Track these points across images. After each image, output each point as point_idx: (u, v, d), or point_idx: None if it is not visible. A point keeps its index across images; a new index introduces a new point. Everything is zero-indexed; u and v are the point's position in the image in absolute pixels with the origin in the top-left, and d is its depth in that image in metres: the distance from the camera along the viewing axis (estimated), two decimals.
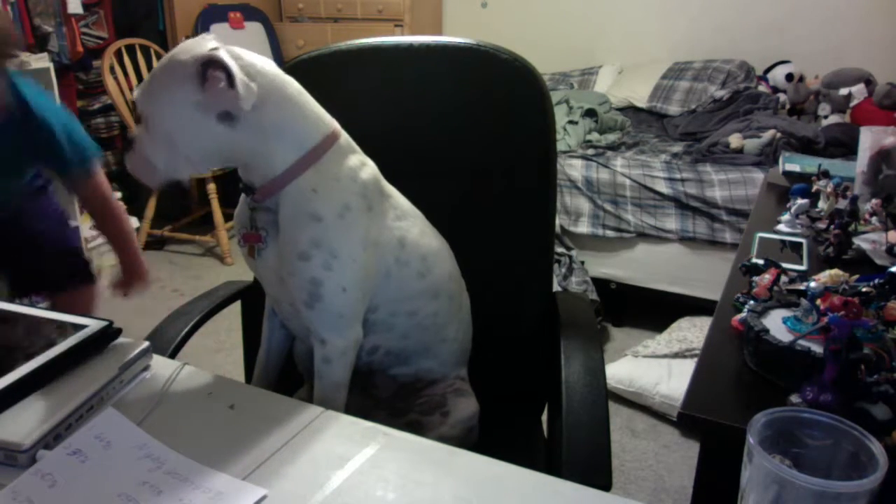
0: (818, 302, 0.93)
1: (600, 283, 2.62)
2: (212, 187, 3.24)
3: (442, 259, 1.01)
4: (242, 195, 0.92)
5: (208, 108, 0.80)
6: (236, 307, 1.20)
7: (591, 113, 2.97)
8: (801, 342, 0.87)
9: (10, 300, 0.98)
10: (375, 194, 0.91)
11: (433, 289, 0.98)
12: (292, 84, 0.87)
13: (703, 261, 2.52)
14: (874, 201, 1.41)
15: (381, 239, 0.90)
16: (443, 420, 0.99)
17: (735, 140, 2.58)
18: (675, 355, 2.24)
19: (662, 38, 3.57)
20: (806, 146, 2.47)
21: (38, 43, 3.01)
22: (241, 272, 0.92)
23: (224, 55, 0.78)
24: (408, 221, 0.96)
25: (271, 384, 1.05)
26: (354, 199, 0.87)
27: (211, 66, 0.78)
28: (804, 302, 0.95)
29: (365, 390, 1.02)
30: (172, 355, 0.96)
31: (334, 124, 0.91)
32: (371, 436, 0.71)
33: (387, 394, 1.02)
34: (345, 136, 0.92)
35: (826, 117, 2.88)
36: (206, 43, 0.82)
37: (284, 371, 1.07)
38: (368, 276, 0.89)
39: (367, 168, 0.92)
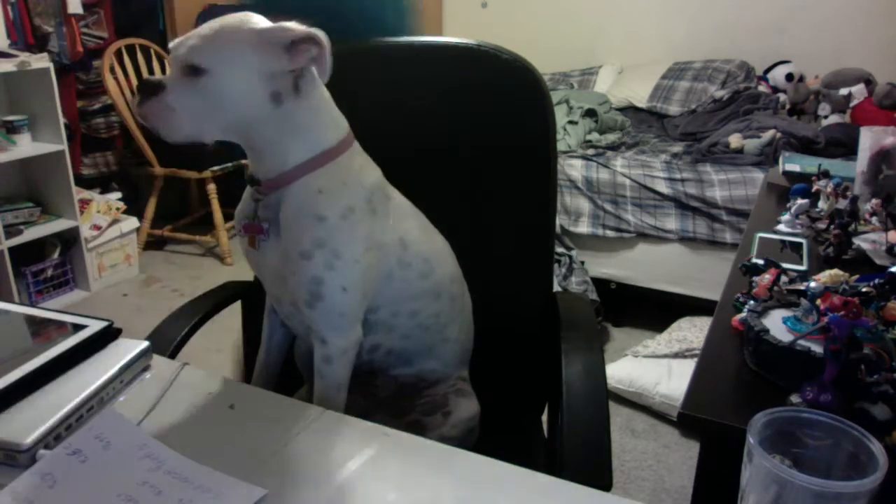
0: (818, 302, 0.93)
1: (600, 283, 2.62)
2: (212, 187, 3.24)
3: (444, 260, 1.01)
4: (247, 189, 0.92)
5: (269, 83, 0.80)
6: (236, 307, 1.20)
7: (591, 113, 2.97)
8: (801, 342, 0.87)
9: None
10: (380, 197, 0.92)
11: (435, 289, 0.98)
12: (324, 87, 0.88)
13: (703, 261, 2.52)
14: (874, 201, 1.41)
15: (384, 241, 0.91)
16: (444, 420, 0.99)
17: (735, 140, 2.58)
18: (675, 355, 2.24)
19: (662, 38, 3.57)
20: (806, 146, 2.47)
21: (38, 43, 3.01)
22: (241, 272, 0.91)
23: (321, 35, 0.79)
24: (410, 223, 0.96)
25: (271, 383, 1.05)
26: (359, 203, 0.88)
27: (304, 42, 0.79)
28: (804, 302, 0.95)
29: (365, 390, 1.02)
30: (172, 355, 0.96)
31: (349, 129, 0.91)
32: (371, 436, 0.71)
33: (387, 393, 1.03)
34: (357, 142, 0.92)
35: (826, 117, 2.89)
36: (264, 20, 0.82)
37: (284, 371, 1.07)
38: (370, 277, 0.89)
39: (374, 172, 0.93)
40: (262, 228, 0.89)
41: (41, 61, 2.62)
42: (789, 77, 3.08)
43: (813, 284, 0.97)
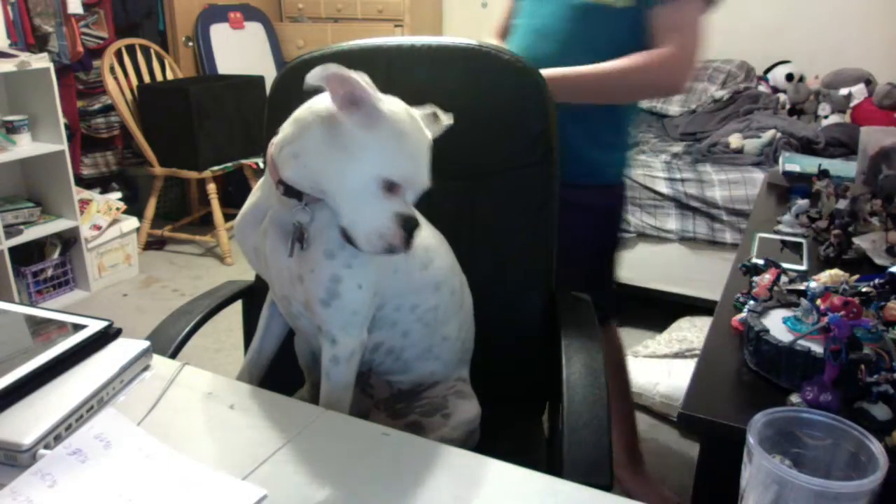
0: (818, 302, 0.93)
1: None
2: (212, 187, 3.24)
3: (441, 250, 1.01)
4: (260, 197, 0.90)
5: None
6: (236, 307, 1.20)
7: None
8: (801, 342, 0.87)
9: None
10: None
11: (434, 280, 0.98)
12: None
13: (703, 261, 2.52)
14: (874, 201, 1.41)
15: None
16: (444, 422, 0.98)
17: (735, 140, 2.58)
18: (675, 355, 2.24)
19: None
20: (806, 146, 2.47)
21: (38, 43, 3.01)
22: (241, 272, 0.92)
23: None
24: None
25: (262, 368, 1.03)
26: None
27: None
28: (804, 302, 0.95)
29: (364, 391, 1.02)
30: (173, 355, 0.96)
31: None
32: (371, 436, 0.71)
33: (385, 395, 1.03)
34: None
35: (826, 117, 2.88)
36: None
37: (284, 371, 1.07)
38: (381, 272, 0.90)
39: None
40: (302, 235, 0.86)
41: (41, 61, 2.62)
42: (789, 77, 3.08)
43: (813, 284, 0.97)
